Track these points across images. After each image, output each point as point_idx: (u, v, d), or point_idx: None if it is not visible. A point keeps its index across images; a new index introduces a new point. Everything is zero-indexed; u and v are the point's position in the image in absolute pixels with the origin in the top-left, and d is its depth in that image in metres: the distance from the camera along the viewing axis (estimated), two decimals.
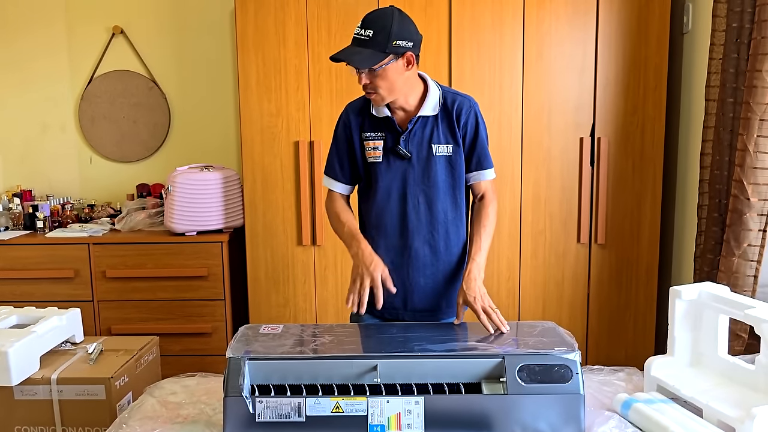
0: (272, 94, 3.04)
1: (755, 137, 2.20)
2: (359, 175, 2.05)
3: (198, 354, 3.20)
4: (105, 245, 3.19)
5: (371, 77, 1.85)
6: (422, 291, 2.00)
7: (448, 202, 1.98)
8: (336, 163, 2.04)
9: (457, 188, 1.98)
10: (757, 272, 2.24)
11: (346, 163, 2.03)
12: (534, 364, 1.58)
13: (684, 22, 2.96)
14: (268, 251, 3.14)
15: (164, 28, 3.65)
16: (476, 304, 1.84)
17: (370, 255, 1.90)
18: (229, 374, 1.58)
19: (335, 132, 2.05)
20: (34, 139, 3.75)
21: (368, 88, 1.87)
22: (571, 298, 3.10)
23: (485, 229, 1.96)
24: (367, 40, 1.81)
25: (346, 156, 2.02)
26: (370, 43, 1.81)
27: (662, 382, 1.74)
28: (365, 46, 1.81)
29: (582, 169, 3.01)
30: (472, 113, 1.96)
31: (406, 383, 1.58)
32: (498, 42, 2.96)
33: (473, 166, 1.99)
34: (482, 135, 1.98)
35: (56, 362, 2.22)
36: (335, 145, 2.05)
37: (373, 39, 1.80)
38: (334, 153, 2.05)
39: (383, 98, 1.89)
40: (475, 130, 1.96)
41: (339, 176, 2.04)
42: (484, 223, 1.97)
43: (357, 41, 1.83)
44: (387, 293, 1.91)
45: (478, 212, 2.00)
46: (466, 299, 1.86)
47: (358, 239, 1.94)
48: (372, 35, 1.81)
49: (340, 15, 2.96)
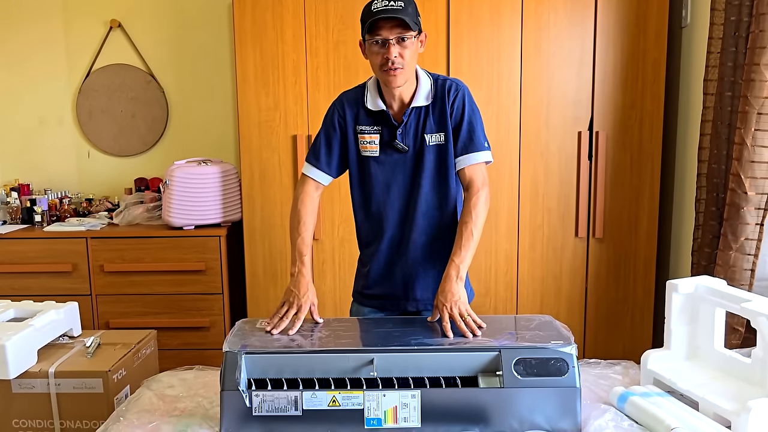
0: (270, 88, 3.03)
1: (753, 131, 2.19)
2: (344, 167, 2.01)
3: (196, 348, 3.20)
4: (103, 239, 3.19)
5: (402, 49, 1.80)
6: (423, 280, 2.00)
7: (443, 190, 1.96)
8: (323, 151, 1.98)
9: (451, 176, 1.95)
10: (754, 266, 2.24)
11: (335, 154, 1.98)
12: (530, 357, 1.58)
13: (683, 15, 2.95)
14: (266, 245, 3.14)
15: (162, 21, 3.64)
16: (444, 311, 1.77)
17: (306, 285, 1.85)
18: (226, 368, 1.58)
19: (326, 120, 2.00)
20: (32, 133, 3.75)
21: (396, 63, 1.80)
22: (569, 292, 3.10)
23: (466, 226, 1.87)
24: (401, 9, 1.77)
25: (336, 146, 1.98)
26: (403, 11, 1.77)
27: (659, 375, 1.74)
28: (401, 13, 1.77)
29: (580, 163, 3.01)
30: (459, 94, 1.92)
31: (402, 377, 1.58)
32: (496, 36, 2.96)
33: (459, 150, 1.93)
34: (470, 117, 1.92)
35: (54, 356, 2.22)
36: (325, 133, 1.99)
37: (405, 9, 1.78)
38: (322, 141, 1.99)
39: (405, 76, 1.84)
40: (462, 111, 1.91)
41: (323, 165, 1.98)
42: (466, 219, 1.88)
43: (391, 9, 1.76)
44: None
45: (463, 210, 1.92)
46: (436, 303, 1.81)
47: (302, 261, 1.89)
48: (404, 5, 1.78)
49: (338, 9, 2.96)
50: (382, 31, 1.79)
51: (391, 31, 1.79)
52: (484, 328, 1.74)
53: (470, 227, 1.87)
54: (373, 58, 1.84)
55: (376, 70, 1.87)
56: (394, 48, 1.80)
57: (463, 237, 1.86)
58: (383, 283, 2.03)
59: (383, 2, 1.78)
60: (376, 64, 1.84)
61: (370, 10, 1.80)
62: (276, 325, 1.76)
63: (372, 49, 1.83)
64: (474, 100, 1.96)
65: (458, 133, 1.92)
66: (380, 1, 1.79)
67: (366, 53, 1.88)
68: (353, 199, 2.06)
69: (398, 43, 1.80)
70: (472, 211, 1.88)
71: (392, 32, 1.79)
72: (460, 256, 1.85)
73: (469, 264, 1.87)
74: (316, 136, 2.02)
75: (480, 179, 1.93)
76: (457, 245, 1.87)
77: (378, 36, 1.80)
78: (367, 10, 1.82)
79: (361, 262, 2.13)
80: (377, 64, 1.83)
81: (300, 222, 1.95)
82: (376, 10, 1.78)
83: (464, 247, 1.85)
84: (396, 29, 1.79)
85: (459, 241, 1.87)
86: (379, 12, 1.77)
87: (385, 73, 1.83)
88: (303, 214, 1.96)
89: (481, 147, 1.93)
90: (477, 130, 1.93)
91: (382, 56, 1.81)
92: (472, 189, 1.92)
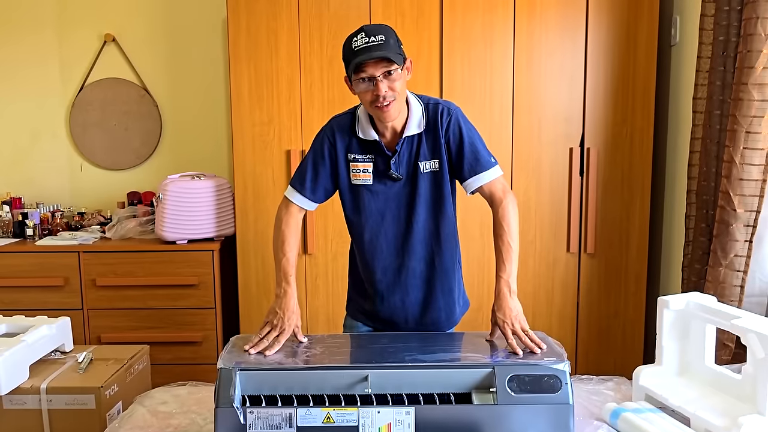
0: (264, 102, 3.05)
1: (741, 149, 2.22)
2: (329, 194, 1.98)
3: (189, 363, 3.18)
4: (95, 253, 3.18)
5: (390, 83, 1.76)
6: (421, 306, 2.00)
7: (439, 217, 1.95)
8: (308, 177, 1.94)
9: (446, 202, 1.94)
10: (743, 282, 2.26)
11: (322, 181, 1.94)
12: (524, 374, 1.58)
13: (672, 34, 2.99)
14: (260, 260, 3.14)
15: (156, 36, 3.65)
16: (506, 328, 1.76)
17: (290, 306, 1.82)
18: (221, 385, 1.57)
19: (314, 146, 1.95)
20: (25, 146, 3.75)
21: (387, 97, 1.76)
22: (561, 307, 3.12)
23: (503, 240, 1.85)
24: (382, 43, 1.73)
25: (323, 175, 1.93)
26: (385, 46, 1.73)
27: (650, 391, 1.76)
28: (384, 49, 1.73)
29: (571, 179, 3.04)
30: (453, 119, 1.88)
31: (396, 393, 1.58)
32: (488, 53, 2.99)
33: (467, 173, 1.89)
34: (469, 138, 1.89)
35: (46, 371, 2.21)
36: (312, 160, 1.94)
37: (387, 42, 1.74)
38: (309, 167, 1.94)
39: (398, 107, 1.81)
40: (459, 135, 1.88)
41: (307, 191, 1.94)
42: (499, 233, 1.87)
43: (373, 47, 1.73)
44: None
45: (494, 225, 1.89)
46: (497, 321, 1.80)
47: (288, 281, 1.87)
48: (385, 40, 1.74)
49: (332, 26, 2.98)
50: (367, 68, 1.75)
51: (377, 67, 1.75)
52: (544, 349, 1.69)
53: (506, 239, 1.86)
54: (362, 95, 1.80)
55: (368, 107, 1.83)
56: (383, 84, 1.75)
57: (503, 251, 1.85)
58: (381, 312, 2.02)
59: (363, 39, 1.74)
60: (366, 101, 1.80)
61: (352, 49, 1.76)
62: (256, 345, 1.73)
63: (360, 86, 1.78)
64: (468, 119, 1.94)
65: (462, 157, 1.89)
66: (360, 39, 1.74)
67: (353, 90, 1.83)
68: (347, 223, 2.03)
69: (385, 78, 1.75)
70: (503, 223, 1.87)
71: (378, 68, 1.75)
72: (506, 270, 1.83)
73: (516, 275, 1.85)
74: (304, 159, 1.98)
75: (500, 190, 1.90)
76: (500, 261, 1.85)
77: (364, 74, 1.76)
78: (348, 49, 1.77)
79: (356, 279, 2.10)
80: (368, 101, 1.79)
81: (284, 242, 1.92)
82: (357, 48, 1.74)
83: (507, 260, 1.84)
84: (381, 65, 1.75)
85: (500, 256, 1.85)
86: (361, 50, 1.73)
87: (377, 109, 1.79)
88: (287, 234, 1.93)
89: (488, 165, 1.90)
90: (480, 149, 1.90)
91: (372, 93, 1.77)
92: (495, 202, 1.90)
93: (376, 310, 2.02)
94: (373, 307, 2.03)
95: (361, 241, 1.99)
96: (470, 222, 3.00)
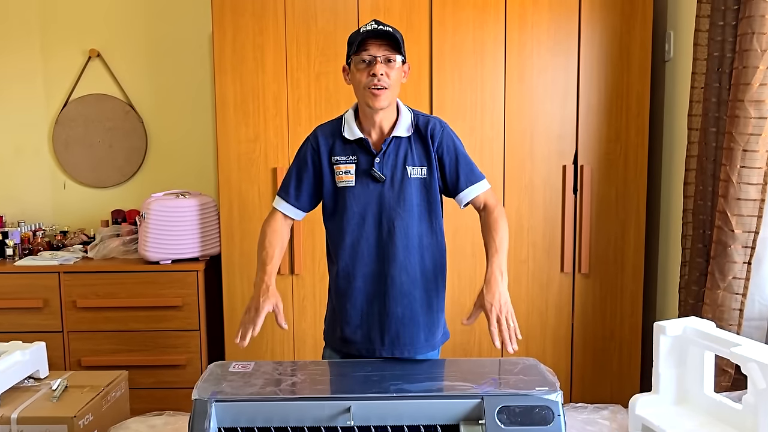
0: (250, 119, 2.98)
1: (738, 168, 2.17)
2: (315, 202, 2.00)
3: (171, 387, 3.09)
4: (76, 274, 3.09)
5: (388, 70, 1.83)
6: (400, 321, 1.92)
7: (423, 226, 1.92)
8: (293, 185, 1.97)
9: (433, 212, 1.93)
10: (742, 305, 2.20)
11: (305, 189, 1.97)
12: (514, 405, 1.51)
13: (666, 50, 2.95)
14: (245, 281, 3.05)
15: (141, 51, 3.59)
16: (491, 312, 1.73)
17: (267, 288, 1.83)
18: (195, 417, 1.50)
19: (299, 154, 1.99)
20: (7, 163, 3.67)
21: (381, 81, 1.82)
22: (555, 329, 3.04)
23: (496, 231, 1.87)
24: (390, 32, 1.83)
25: (306, 182, 1.96)
26: (392, 35, 1.84)
27: (647, 421, 1.68)
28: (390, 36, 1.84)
29: (565, 197, 2.98)
30: (445, 133, 1.93)
31: (381, 426, 1.51)
32: (479, 68, 2.93)
33: (463, 184, 1.93)
34: (462, 151, 1.94)
35: (17, 400, 2.12)
36: (296, 167, 1.98)
37: (394, 34, 1.84)
38: (293, 175, 1.98)
39: (388, 98, 1.85)
40: (453, 148, 1.92)
41: (292, 199, 1.97)
42: (494, 227, 1.88)
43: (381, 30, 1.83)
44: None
45: (485, 222, 1.92)
46: (483, 304, 1.75)
47: (264, 270, 1.87)
48: (393, 30, 1.84)
49: (319, 41, 2.92)
50: (370, 48, 1.82)
51: (379, 49, 1.83)
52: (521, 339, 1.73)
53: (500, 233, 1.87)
54: (358, 76, 1.84)
55: (360, 91, 1.86)
56: (381, 66, 1.82)
57: (495, 240, 1.85)
58: (359, 327, 1.95)
59: (372, 25, 1.84)
60: (360, 83, 1.84)
61: (359, 32, 1.85)
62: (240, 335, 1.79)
63: (358, 67, 1.84)
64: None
65: (457, 169, 1.93)
66: (370, 25, 1.84)
67: (350, 76, 1.89)
68: (327, 235, 2.01)
69: (385, 63, 1.83)
70: (495, 224, 1.89)
71: (380, 50, 1.83)
72: (499, 256, 1.82)
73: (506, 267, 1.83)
74: (288, 169, 2.01)
75: (493, 200, 1.96)
76: (492, 249, 1.84)
77: (366, 53, 1.82)
78: (355, 33, 1.86)
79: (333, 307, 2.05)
80: (362, 82, 1.84)
81: (265, 239, 1.94)
82: (365, 30, 1.83)
83: (500, 249, 1.84)
84: (384, 48, 1.83)
85: (492, 245, 1.85)
86: (368, 32, 1.82)
87: (368, 91, 1.83)
88: (269, 233, 1.95)
89: (481, 176, 1.96)
90: (471, 162, 1.96)
91: (368, 73, 1.82)
92: (488, 208, 1.94)
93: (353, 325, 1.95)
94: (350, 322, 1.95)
95: (342, 246, 1.94)
96: (462, 239, 2.93)
